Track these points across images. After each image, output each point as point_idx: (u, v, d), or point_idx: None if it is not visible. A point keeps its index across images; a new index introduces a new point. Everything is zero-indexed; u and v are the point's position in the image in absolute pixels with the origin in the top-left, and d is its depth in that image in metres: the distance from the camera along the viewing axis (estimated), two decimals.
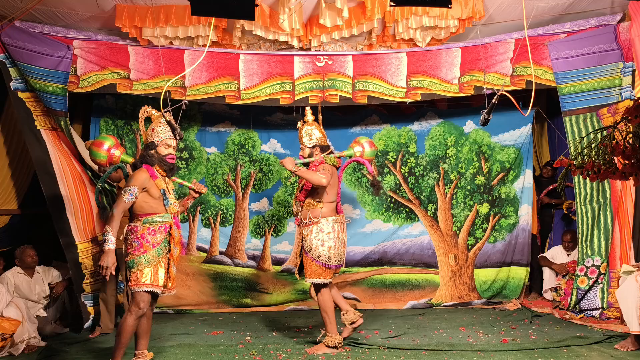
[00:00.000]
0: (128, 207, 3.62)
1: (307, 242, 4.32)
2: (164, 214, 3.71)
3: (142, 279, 3.58)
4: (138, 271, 3.58)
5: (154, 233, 3.65)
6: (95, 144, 4.11)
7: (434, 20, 5.31)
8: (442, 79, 5.63)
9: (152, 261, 3.61)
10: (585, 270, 5.36)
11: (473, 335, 4.78)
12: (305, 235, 4.34)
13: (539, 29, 5.51)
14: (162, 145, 3.80)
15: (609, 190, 5.29)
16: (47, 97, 5.22)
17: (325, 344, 4.31)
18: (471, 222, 6.24)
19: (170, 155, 3.81)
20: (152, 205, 3.68)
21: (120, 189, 5.15)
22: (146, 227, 3.64)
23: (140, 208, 3.67)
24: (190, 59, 5.46)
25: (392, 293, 6.20)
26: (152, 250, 3.61)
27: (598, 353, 4.14)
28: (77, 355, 4.36)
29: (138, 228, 3.64)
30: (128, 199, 3.59)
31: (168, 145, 3.82)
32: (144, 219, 3.66)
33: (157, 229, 3.66)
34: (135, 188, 3.61)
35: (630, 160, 2.65)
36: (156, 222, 3.67)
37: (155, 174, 3.74)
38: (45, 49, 5.22)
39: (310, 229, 4.31)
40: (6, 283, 4.88)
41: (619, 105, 5.16)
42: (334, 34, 5.42)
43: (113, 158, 4.04)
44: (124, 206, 3.59)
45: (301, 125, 4.53)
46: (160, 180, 3.75)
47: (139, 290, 3.59)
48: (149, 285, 3.59)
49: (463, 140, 6.28)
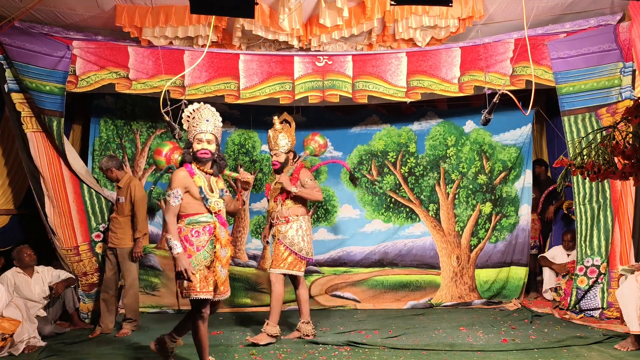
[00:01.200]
0: (177, 210, 3.49)
1: (288, 238, 4.69)
2: (207, 214, 3.55)
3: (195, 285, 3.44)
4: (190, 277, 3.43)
5: (198, 234, 3.51)
6: (155, 152, 4.19)
7: (434, 19, 5.31)
8: (442, 79, 5.62)
9: (199, 266, 3.46)
10: (585, 270, 5.36)
11: (473, 335, 4.78)
12: (286, 231, 4.71)
13: (539, 28, 5.51)
14: (195, 141, 3.60)
15: (609, 190, 5.28)
16: (42, 97, 5.22)
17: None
18: (474, 222, 6.23)
19: (202, 150, 3.57)
20: (194, 205, 3.54)
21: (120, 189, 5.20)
22: (190, 228, 3.51)
23: (183, 208, 3.53)
24: (190, 59, 5.45)
25: (393, 294, 6.20)
26: (197, 254, 3.47)
27: (598, 353, 4.14)
28: (77, 356, 4.36)
29: (182, 229, 3.51)
30: (174, 202, 3.47)
31: (200, 140, 3.58)
32: (187, 219, 3.53)
33: (202, 230, 3.52)
34: (178, 189, 3.48)
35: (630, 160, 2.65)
36: (200, 222, 3.53)
37: (192, 170, 3.58)
38: (45, 49, 5.23)
39: (291, 225, 4.72)
40: (6, 283, 4.89)
41: (619, 105, 5.16)
42: (334, 34, 5.42)
43: (171, 162, 4.03)
44: (174, 210, 3.47)
45: (274, 133, 4.78)
46: (199, 178, 3.57)
47: (192, 297, 3.46)
48: (199, 293, 3.45)
49: (463, 140, 6.28)
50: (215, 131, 3.64)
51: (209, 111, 3.66)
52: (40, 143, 5.34)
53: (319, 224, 6.30)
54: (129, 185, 5.15)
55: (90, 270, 5.49)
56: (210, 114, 3.65)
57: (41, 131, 5.33)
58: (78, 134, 6.24)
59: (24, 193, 5.66)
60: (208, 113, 3.64)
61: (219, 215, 3.60)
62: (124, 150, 6.13)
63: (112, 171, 5.18)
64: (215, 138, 3.63)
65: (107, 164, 5.18)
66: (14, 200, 5.62)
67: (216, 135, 3.65)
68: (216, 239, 3.53)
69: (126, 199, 5.13)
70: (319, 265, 6.23)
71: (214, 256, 3.52)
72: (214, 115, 3.66)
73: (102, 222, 5.61)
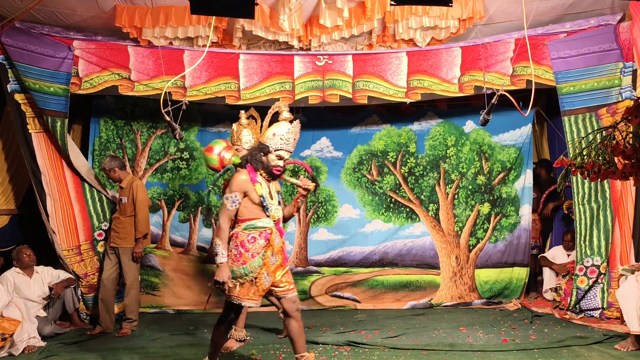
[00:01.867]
0: (233, 214, 3.42)
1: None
2: (265, 219, 3.47)
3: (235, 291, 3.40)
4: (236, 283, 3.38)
5: (254, 240, 3.42)
6: (207, 149, 4.08)
7: (434, 20, 5.31)
8: (442, 79, 5.62)
9: (252, 274, 3.39)
10: (585, 270, 5.36)
11: (473, 335, 4.78)
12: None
13: (539, 28, 5.51)
14: (275, 155, 3.48)
15: (608, 190, 5.28)
16: (46, 98, 5.22)
17: (237, 339, 4.52)
18: (473, 222, 6.23)
19: (277, 167, 3.49)
20: (252, 210, 3.45)
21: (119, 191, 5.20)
22: (247, 233, 3.43)
23: (240, 213, 3.45)
24: (190, 59, 5.45)
25: (393, 294, 6.20)
26: (252, 261, 3.39)
27: (598, 353, 4.14)
28: (77, 356, 4.36)
29: (239, 234, 3.43)
30: (231, 207, 3.39)
31: (280, 157, 3.48)
32: (244, 224, 3.44)
33: (258, 236, 3.44)
34: (236, 194, 3.40)
35: (631, 160, 2.65)
36: (257, 227, 3.45)
37: (255, 178, 3.47)
38: (47, 50, 5.24)
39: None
40: (6, 283, 4.89)
41: (619, 105, 5.16)
42: (334, 34, 5.42)
43: (224, 161, 3.99)
44: (229, 214, 3.41)
45: (238, 127, 4.54)
46: (260, 186, 3.47)
47: (236, 302, 3.43)
48: (242, 299, 3.40)
49: (463, 140, 6.28)
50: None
51: (297, 129, 3.56)
52: (44, 143, 5.35)
53: (319, 224, 6.30)
54: (131, 186, 5.17)
55: (91, 270, 5.50)
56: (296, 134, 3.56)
57: (44, 131, 5.33)
58: (78, 134, 6.24)
59: (23, 193, 5.66)
60: (297, 131, 3.55)
61: (277, 222, 3.53)
62: (124, 150, 6.13)
63: (115, 171, 5.19)
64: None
65: (110, 164, 5.19)
66: (14, 200, 5.62)
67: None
68: (269, 245, 3.45)
69: (129, 199, 5.14)
70: (319, 266, 6.23)
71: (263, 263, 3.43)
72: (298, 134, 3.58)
73: (105, 221, 5.62)
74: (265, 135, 3.54)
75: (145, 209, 5.17)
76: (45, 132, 5.36)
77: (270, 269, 3.47)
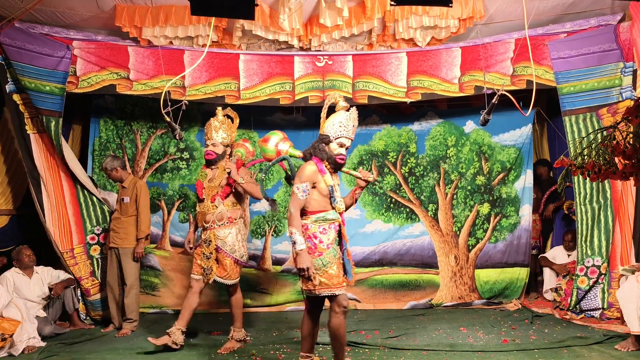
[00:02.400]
0: (302, 204, 3.43)
1: (228, 244, 4.39)
2: (332, 212, 3.50)
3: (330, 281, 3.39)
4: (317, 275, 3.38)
5: (325, 231, 3.45)
6: (264, 140, 4.06)
7: (434, 20, 5.31)
8: (443, 79, 5.62)
9: (330, 263, 3.41)
10: (585, 270, 5.36)
11: (473, 335, 4.77)
12: (225, 237, 4.39)
13: (539, 28, 5.50)
14: (336, 143, 3.53)
15: (609, 190, 5.28)
16: (41, 97, 5.20)
17: (236, 339, 4.47)
18: (472, 223, 6.23)
19: (341, 155, 3.53)
20: (321, 202, 3.48)
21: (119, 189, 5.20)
22: (317, 225, 3.45)
23: (309, 205, 3.47)
24: (190, 59, 5.45)
25: (393, 293, 6.20)
26: (327, 251, 3.42)
27: (598, 353, 4.14)
28: (77, 356, 4.36)
29: (309, 226, 3.44)
30: (301, 196, 3.41)
31: (342, 144, 3.53)
32: (314, 216, 3.46)
33: (328, 227, 3.47)
34: (306, 184, 3.42)
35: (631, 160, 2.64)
36: (327, 219, 3.48)
37: (323, 169, 3.51)
38: (45, 49, 5.22)
39: (230, 231, 4.41)
40: (6, 283, 4.89)
41: (619, 105, 5.16)
42: (334, 34, 5.42)
43: (281, 153, 3.95)
44: (299, 204, 3.42)
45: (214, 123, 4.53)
46: (329, 177, 3.50)
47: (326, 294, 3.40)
48: (333, 289, 3.40)
49: (463, 140, 6.28)
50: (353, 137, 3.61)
51: (355, 117, 3.60)
52: (41, 145, 5.33)
53: None
54: (134, 186, 5.17)
55: (85, 274, 5.46)
56: (355, 120, 3.59)
57: (41, 132, 5.32)
58: (78, 134, 6.24)
59: (23, 193, 5.65)
60: (355, 119, 3.59)
61: (341, 214, 3.56)
62: (124, 150, 6.12)
63: (117, 171, 5.20)
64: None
65: (112, 164, 5.20)
66: (14, 200, 5.62)
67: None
68: (343, 236, 3.53)
69: (131, 199, 5.15)
70: None
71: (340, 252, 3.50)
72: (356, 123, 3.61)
73: (97, 225, 5.61)
74: (324, 127, 3.57)
75: (148, 209, 5.20)
76: (42, 134, 5.33)
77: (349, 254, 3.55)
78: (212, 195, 4.46)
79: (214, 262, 4.41)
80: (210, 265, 4.40)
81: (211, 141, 4.51)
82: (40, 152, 5.32)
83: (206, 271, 4.41)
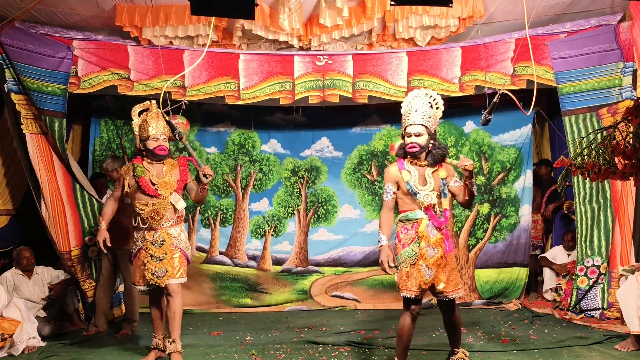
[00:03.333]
0: (390, 205, 3.49)
1: (183, 242, 4.09)
2: (417, 211, 3.45)
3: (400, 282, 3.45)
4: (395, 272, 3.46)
5: (406, 231, 3.46)
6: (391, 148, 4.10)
7: (434, 19, 5.31)
8: (443, 79, 5.62)
9: (404, 264, 3.42)
10: (585, 270, 5.35)
11: (473, 335, 4.77)
12: (179, 234, 4.08)
13: (539, 28, 5.50)
14: (405, 133, 3.48)
15: (609, 190, 5.27)
16: (43, 98, 5.17)
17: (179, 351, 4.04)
18: (472, 223, 6.23)
19: (411, 144, 3.43)
20: (406, 200, 3.48)
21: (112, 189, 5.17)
22: (401, 224, 3.50)
23: (398, 204, 3.52)
24: (190, 59, 5.45)
25: (393, 293, 6.18)
26: (402, 251, 3.44)
27: (598, 353, 4.14)
28: (77, 356, 4.36)
29: (397, 225, 3.52)
30: (386, 198, 3.48)
31: (408, 134, 3.44)
32: (400, 216, 3.52)
33: (410, 227, 3.46)
34: (389, 184, 3.47)
35: (631, 161, 2.64)
36: (409, 219, 3.47)
37: (403, 166, 3.48)
38: (46, 50, 5.21)
39: (181, 228, 4.15)
40: (5, 284, 4.89)
41: (619, 105, 5.15)
42: (334, 34, 5.42)
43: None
44: (385, 204, 3.50)
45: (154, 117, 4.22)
46: (407, 172, 3.45)
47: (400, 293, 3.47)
48: (402, 290, 3.45)
49: (463, 141, 6.27)
50: (425, 121, 3.42)
51: (420, 100, 3.48)
52: (38, 145, 5.28)
53: (319, 224, 6.30)
54: None
55: (82, 277, 5.35)
56: (421, 102, 3.46)
57: (39, 133, 5.25)
58: (78, 134, 6.23)
59: (22, 193, 5.64)
60: (418, 102, 3.47)
61: (429, 210, 3.43)
62: (124, 150, 6.12)
63: (118, 172, 5.17)
64: (425, 128, 3.42)
65: (114, 165, 5.19)
66: (13, 200, 5.61)
67: (426, 125, 3.43)
68: (421, 237, 3.41)
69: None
70: (319, 266, 6.23)
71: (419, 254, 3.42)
72: (424, 104, 3.46)
73: (95, 226, 5.58)
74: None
75: None
76: (40, 135, 5.25)
77: (429, 262, 3.40)
78: (170, 192, 4.07)
79: (168, 263, 4.00)
80: (165, 268, 3.99)
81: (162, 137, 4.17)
82: (38, 152, 5.26)
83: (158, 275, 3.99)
